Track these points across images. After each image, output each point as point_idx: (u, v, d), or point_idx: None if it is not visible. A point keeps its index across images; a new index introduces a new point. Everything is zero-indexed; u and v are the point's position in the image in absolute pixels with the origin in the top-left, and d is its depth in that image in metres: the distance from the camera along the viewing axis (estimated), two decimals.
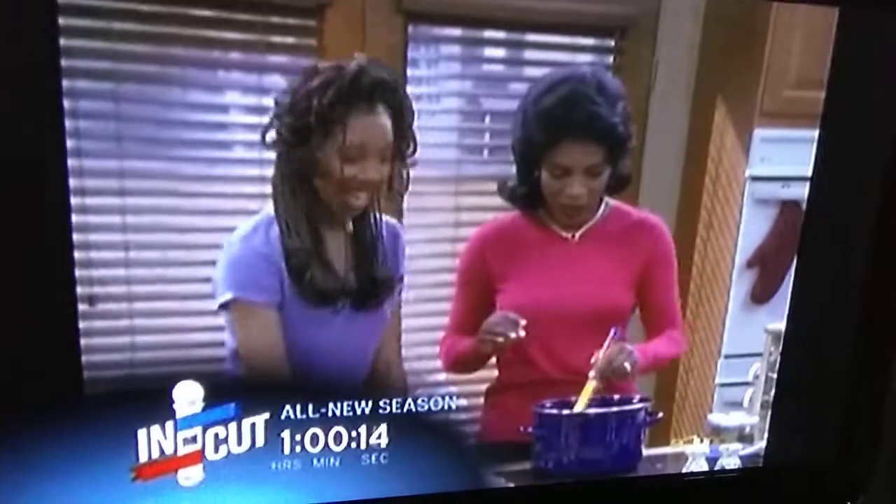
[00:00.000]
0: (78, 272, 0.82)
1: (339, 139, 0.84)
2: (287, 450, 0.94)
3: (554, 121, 0.93)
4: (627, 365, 1.00)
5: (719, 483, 1.10)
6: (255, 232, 0.87)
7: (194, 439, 0.90)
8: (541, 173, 0.96)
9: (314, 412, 0.94)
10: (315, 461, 0.95)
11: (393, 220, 0.94)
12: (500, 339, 0.97)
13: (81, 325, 0.83)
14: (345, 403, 0.95)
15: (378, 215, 0.92)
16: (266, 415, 0.92)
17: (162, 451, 0.89)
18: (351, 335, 0.94)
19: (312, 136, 0.84)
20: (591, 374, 1.00)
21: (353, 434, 0.96)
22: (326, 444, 0.95)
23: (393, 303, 0.95)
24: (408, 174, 0.90)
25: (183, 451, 0.90)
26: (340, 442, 0.96)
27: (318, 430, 0.94)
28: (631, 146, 0.97)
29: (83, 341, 0.84)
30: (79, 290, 0.82)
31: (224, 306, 0.88)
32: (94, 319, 0.84)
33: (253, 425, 0.92)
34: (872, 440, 1.14)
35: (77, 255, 0.81)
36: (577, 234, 1.01)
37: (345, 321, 0.92)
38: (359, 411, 0.95)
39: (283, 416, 0.93)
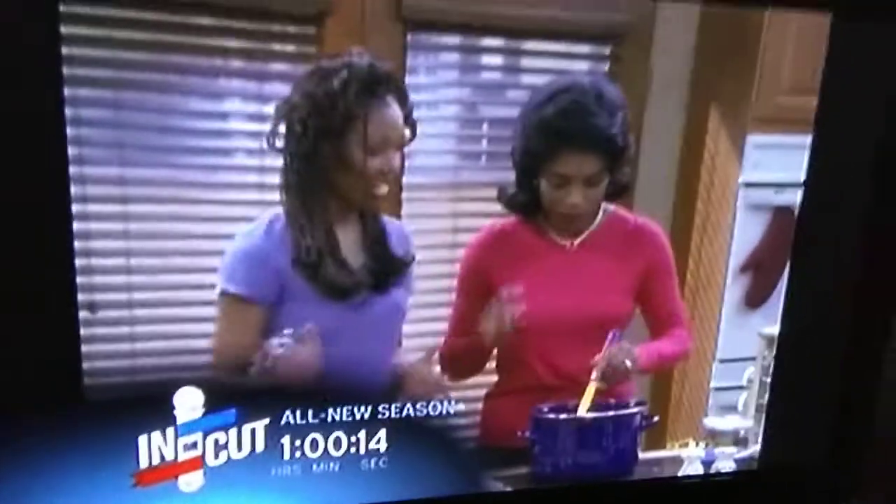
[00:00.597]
0: (79, 279, 0.82)
1: (361, 133, 0.85)
2: (287, 455, 0.94)
3: (553, 131, 0.93)
4: (628, 362, 1.01)
5: (714, 486, 1.11)
6: (258, 232, 0.89)
7: (195, 445, 0.90)
8: (540, 182, 0.97)
9: (314, 417, 0.94)
10: (315, 466, 0.96)
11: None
12: (495, 328, 0.98)
13: (83, 331, 0.83)
14: (344, 408, 0.95)
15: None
16: (266, 420, 0.92)
17: (162, 457, 0.90)
18: (369, 327, 0.95)
19: (337, 133, 0.85)
20: (593, 376, 1.01)
21: (353, 439, 0.96)
22: (326, 449, 0.95)
23: (407, 291, 0.96)
24: (403, 159, 0.91)
25: (183, 456, 0.90)
26: (340, 447, 0.96)
27: (318, 436, 0.95)
28: (629, 155, 0.98)
29: (84, 348, 0.84)
30: (80, 296, 0.82)
31: (219, 296, 0.89)
32: (96, 326, 0.84)
33: (253, 431, 0.92)
34: (864, 442, 1.15)
35: (78, 262, 0.82)
36: (576, 243, 1.02)
37: (360, 315, 0.93)
38: (358, 416, 0.96)
39: (282, 422, 0.93)
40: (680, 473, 1.10)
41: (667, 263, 1.03)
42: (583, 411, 1.02)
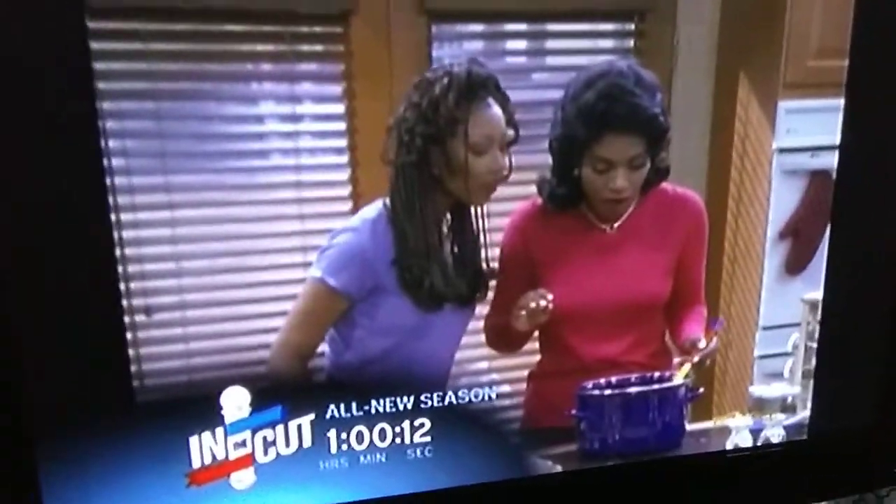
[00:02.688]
0: (133, 284, 0.85)
1: (464, 135, 0.90)
2: (334, 448, 0.97)
3: (595, 115, 0.94)
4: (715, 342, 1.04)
5: (763, 457, 1.11)
6: (365, 227, 0.93)
7: (244, 443, 0.93)
8: (581, 171, 0.97)
9: (358, 410, 0.96)
10: (362, 458, 0.98)
11: None
12: (525, 311, 0.99)
13: (140, 335, 0.87)
14: (387, 399, 0.97)
15: (481, 209, 0.98)
16: (311, 415, 0.95)
17: (214, 457, 0.93)
18: (443, 333, 1.00)
19: (444, 138, 0.90)
20: (695, 357, 1.03)
21: (397, 430, 0.98)
22: (371, 440, 0.98)
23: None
24: (511, 162, 0.95)
25: (234, 455, 0.93)
26: (385, 438, 0.98)
27: (363, 428, 0.97)
28: (668, 138, 0.98)
29: (142, 350, 0.87)
30: (135, 301, 0.86)
31: (312, 277, 0.94)
32: (151, 329, 0.88)
33: (299, 426, 0.95)
34: None
35: (132, 268, 0.85)
36: (615, 226, 1.02)
37: (441, 318, 0.98)
38: (401, 407, 0.98)
39: (327, 416, 0.96)
40: (728, 443, 1.11)
41: (701, 230, 1.03)
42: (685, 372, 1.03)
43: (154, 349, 0.89)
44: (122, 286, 0.85)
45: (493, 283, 1.00)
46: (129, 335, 0.87)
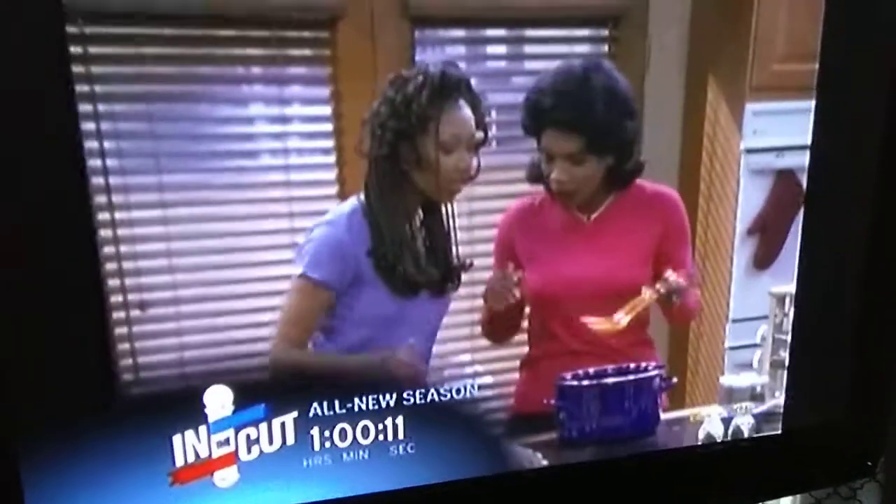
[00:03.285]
0: (128, 281, 0.88)
1: (435, 133, 0.94)
2: (317, 446, 0.99)
3: (534, 109, 0.99)
4: (682, 281, 1.06)
5: (737, 450, 1.14)
6: (341, 220, 0.97)
7: (227, 441, 0.95)
8: (537, 158, 1.03)
9: (340, 407, 0.99)
10: (345, 455, 1.00)
11: None
12: (492, 289, 1.03)
13: (135, 329, 0.89)
14: (370, 396, 1.00)
15: (452, 205, 1.01)
16: (294, 413, 0.97)
17: (197, 455, 0.95)
18: (419, 324, 1.03)
19: (414, 134, 0.93)
20: (657, 286, 1.06)
21: (380, 426, 1.01)
22: (355, 437, 1.00)
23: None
24: (479, 163, 0.99)
25: (217, 453, 0.95)
26: (368, 435, 1.01)
27: (346, 425, 1.00)
28: (623, 140, 1.02)
29: (137, 344, 0.90)
30: (130, 297, 0.88)
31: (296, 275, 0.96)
32: (145, 323, 0.90)
33: (283, 424, 0.97)
34: (887, 400, 1.17)
35: (126, 265, 0.88)
36: (593, 217, 1.07)
37: (416, 307, 1.01)
38: (384, 404, 1.01)
39: (310, 414, 0.98)
40: (700, 431, 1.15)
41: (682, 228, 1.08)
42: (623, 317, 1.06)
43: (148, 343, 0.91)
44: (117, 282, 0.88)
45: (465, 276, 1.03)
46: (124, 330, 0.89)
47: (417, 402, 1.02)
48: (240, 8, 0.88)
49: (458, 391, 1.04)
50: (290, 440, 0.98)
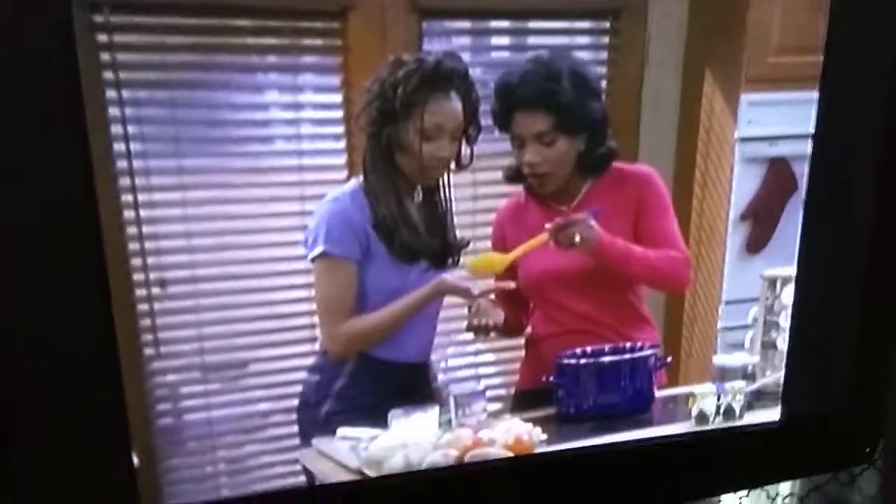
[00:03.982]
0: (150, 259, 0.93)
1: (419, 120, 0.95)
2: None
3: (505, 90, 1.03)
4: (577, 237, 1.06)
5: (737, 436, 1.15)
6: (345, 197, 0.99)
7: None
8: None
9: None
10: None
11: None
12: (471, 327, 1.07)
13: (156, 306, 0.94)
14: None
15: (448, 188, 1.04)
16: None
17: None
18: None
19: (398, 118, 0.95)
20: (547, 225, 1.07)
21: None
22: None
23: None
24: (472, 152, 1.01)
25: None
26: None
27: None
28: (589, 120, 1.05)
29: (158, 321, 0.95)
30: (152, 275, 0.93)
31: (314, 259, 0.98)
32: (165, 301, 0.95)
33: None
34: (886, 387, 1.15)
35: (148, 244, 0.92)
36: (572, 206, 1.11)
37: (420, 275, 1.04)
38: None
39: None
40: (694, 409, 1.19)
41: (657, 200, 1.10)
42: (516, 255, 1.07)
43: (168, 319, 0.96)
44: (139, 261, 0.92)
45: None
46: (145, 306, 0.94)
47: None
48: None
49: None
50: None
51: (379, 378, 1.04)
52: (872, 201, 1.08)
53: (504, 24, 1.05)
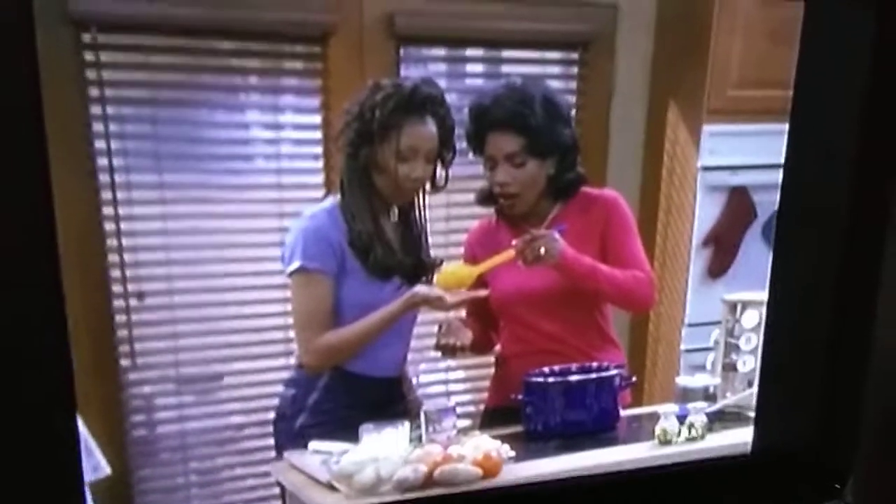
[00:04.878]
0: (129, 271, 0.94)
1: (395, 142, 0.98)
2: None
3: (478, 111, 1.05)
4: (542, 250, 1.06)
5: (707, 471, 1.13)
6: (322, 214, 1.00)
7: None
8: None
9: None
10: None
11: None
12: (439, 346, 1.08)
13: (134, 317, 0.96)
14: None
15: (423, 208, 1.06)
16: None
17: None
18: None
19: (375, 139, 0.98)
20: (514, 241, 1.06)
21: None
22: None
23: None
24: (447, 175, 1.04)
25: None
26: None
27: None
28: (559, 144, 1.06)
29: (135, 331, 0.96)
30: (130, 286, 0.95)
31: (291, 274, 1.00)
32: (143, 312, 0.97)
33: None
34: (857, 424, 1.20)
35: (127, 256, 0.94)
36: (541, 228, 1.13)
37: (393, 291, 1.05)
38: None
39: None
40: (657, 428, 1.21)
41: (623, 223, 1.11)
42: (484, 269, 1.08)
43: (145, 331, 0.98)
44: (118, 273, 0.94)
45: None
46: (123, 317, 0.95)
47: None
48: (238, 22, 0.95)
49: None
50: None
51: (353, 392, 1.06)
52: (842, 235, 1.10)
53: (478, 52, 1.09)
